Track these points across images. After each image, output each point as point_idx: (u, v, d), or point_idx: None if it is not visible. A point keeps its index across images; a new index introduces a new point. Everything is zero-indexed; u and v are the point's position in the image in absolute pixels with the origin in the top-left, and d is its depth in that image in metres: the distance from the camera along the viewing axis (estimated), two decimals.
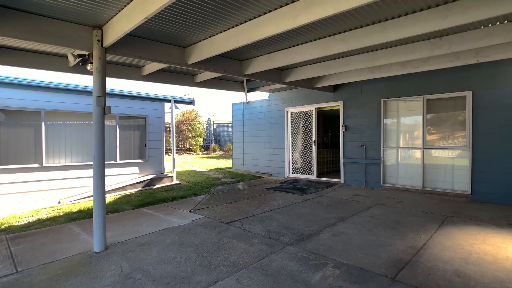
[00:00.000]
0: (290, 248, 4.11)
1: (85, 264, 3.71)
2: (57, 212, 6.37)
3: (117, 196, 7.83)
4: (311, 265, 3.58)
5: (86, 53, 4.34)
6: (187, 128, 25.19)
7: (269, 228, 4.95)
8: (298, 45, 5.26)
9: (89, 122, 8.05)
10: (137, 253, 4.04)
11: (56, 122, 7.66)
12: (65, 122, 7.83)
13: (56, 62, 5.41)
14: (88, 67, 4.40)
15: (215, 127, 30.37)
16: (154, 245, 4.31)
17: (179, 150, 25.64)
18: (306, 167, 10.43)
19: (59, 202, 7.26)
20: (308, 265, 3.56)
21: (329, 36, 4.77)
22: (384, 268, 3.47)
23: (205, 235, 4.68)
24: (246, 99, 12.13)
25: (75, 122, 7.98)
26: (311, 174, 10.21)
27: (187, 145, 26.27)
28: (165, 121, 10.73)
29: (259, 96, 12.37)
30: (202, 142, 26.77)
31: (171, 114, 10.30)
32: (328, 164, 11.36)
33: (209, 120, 29.82)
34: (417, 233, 4.66)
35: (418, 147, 7.77)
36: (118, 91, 8.60)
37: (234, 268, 3.53)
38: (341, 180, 9.21)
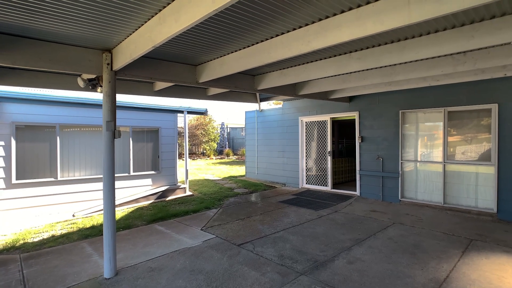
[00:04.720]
0: (303, 278, 3.94)
1: None
2: (71, 227, 6.40)
3: (130, 210, 7.83)
4: None
5: (95, 76, 4.29)
6: (201, 133, 25.26)
7: (281, 253, 4.78)
8: (312, 61, 5.08)
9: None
10: (147, 280, 3.96)
11: (71, 136, 7.74)
12: (79, 136, 7.90)
13: (68, 81, 5.41)
14: (98, 90, 4.37)
15: (228, 131, 30.30)
16: (164, 270, 4.23)
17: (193, 155, 25.73)
18: (320, 177, 10.18)
19: (73, 216, 7.32)
20: None
21: (345, 53, 4.57)
22: None
23: (216, 259, 4.57)
24: (260, 108, 11.99)
25: (88, 136, 8.04)
26: (325, 185, 9.95)
27: (201, 150, 26.33)
28: (178, 126, 10.66)
29: (272, 103, 12.23)
30: (215, 147, 26.77)
31: (184, 124, 10.26)
32: (344, 173, 11.05)
33: (222, 124, 29.80)
34: (438, 261, 4.39)
35: (439, 161, 7.41)
36: (131, 103, 8.61)
37: None
38: (357, 192, 8.93)
